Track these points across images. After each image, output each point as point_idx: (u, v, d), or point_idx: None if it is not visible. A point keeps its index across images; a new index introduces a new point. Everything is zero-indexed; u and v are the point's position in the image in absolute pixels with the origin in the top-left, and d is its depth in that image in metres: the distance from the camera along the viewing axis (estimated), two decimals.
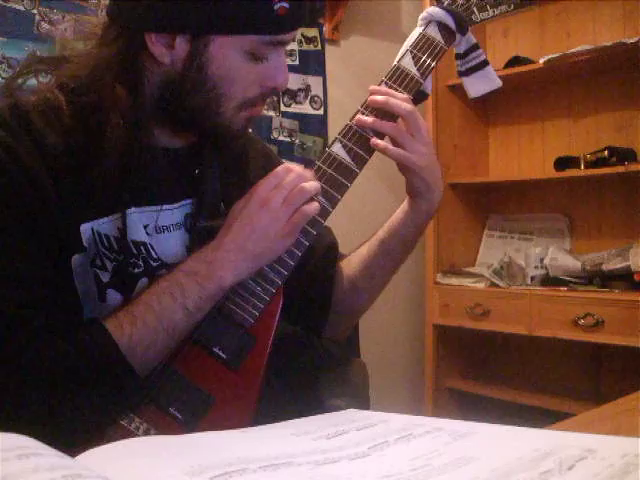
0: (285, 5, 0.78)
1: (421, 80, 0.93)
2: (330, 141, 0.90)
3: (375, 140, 0.89)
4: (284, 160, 2.74)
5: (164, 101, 0.82)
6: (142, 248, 0.81)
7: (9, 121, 0.77)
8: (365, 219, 0.99)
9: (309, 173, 0.86)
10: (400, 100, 0.89)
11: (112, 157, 0.76)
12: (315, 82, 2.53)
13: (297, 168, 0.86)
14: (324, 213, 0.86)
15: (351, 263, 1.01)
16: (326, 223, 0.89)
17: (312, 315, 0.99)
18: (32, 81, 0.84)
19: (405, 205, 0.96)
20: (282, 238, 0.82)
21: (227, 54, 0.79)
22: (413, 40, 0.95)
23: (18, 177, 0.74)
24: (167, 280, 0.78)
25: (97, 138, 0.77)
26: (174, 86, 0.81)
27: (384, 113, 0.90)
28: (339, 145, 0.89)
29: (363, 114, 0.90)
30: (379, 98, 0.89)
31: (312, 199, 0.84)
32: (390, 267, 0.99)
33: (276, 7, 0.77)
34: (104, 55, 0.79)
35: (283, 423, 0.55)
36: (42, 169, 0.75)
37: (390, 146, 0.88)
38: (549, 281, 2.27)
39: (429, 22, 0.96)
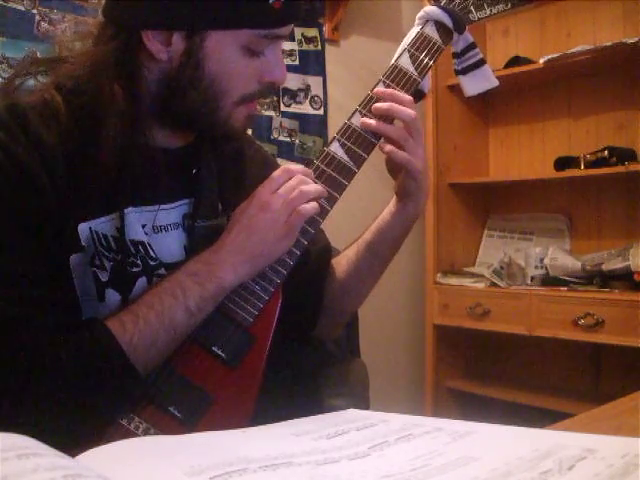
0: None
1: (419, 79, 0.93)
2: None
3: (383, 143, 0.90)
4: (284, 160, 2.72)
5: (162, 99, 0.82)
6: (140, 247, 0.82)
7: (6, 121, 0.77)
8: (364, 218, 1.00)
9: (310, 174, 0.86)
10: (405, 103, 0.89)
11: (109, 156, 0.76)
12: (315, 82, 2.53)
13: (297, 169, 0.86)
14: (322, 212, 0.86)
15: (340, 266, 1.01)
16: (325, 222, 0.89)
17: (303, 316, 0.99)
18: (30, 82, 0.84)
19: (392, 207, 0.96)
20: (281, 240, 0.82)
21: (224, 49, 0.79)
22: (411, 39, 0.95)
23: (15, 176, 0.74)
24: (169, 281, 0.79)
25: (94, 138, 0.77)
26: (172, 83, 0.81)
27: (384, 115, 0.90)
28: (337, 144, 0.89)
29: (361, 114, 0.90)
30: (383, 105, 0.89)
31: (311, 201, 0.84)
32: (378, 268, 1.00)
33: (271, 0, 0.77)
34: (101, 54, 0.79)
35: (283, 423, 0.55)
36: (39, 168, 0.75)
37: (395, 149, 0.89)
38: (549, 281, 2.27)
39: (426, 21, 0.96)
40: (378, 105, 0.90)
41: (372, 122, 0.89)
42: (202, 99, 0.81)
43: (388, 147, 0.89)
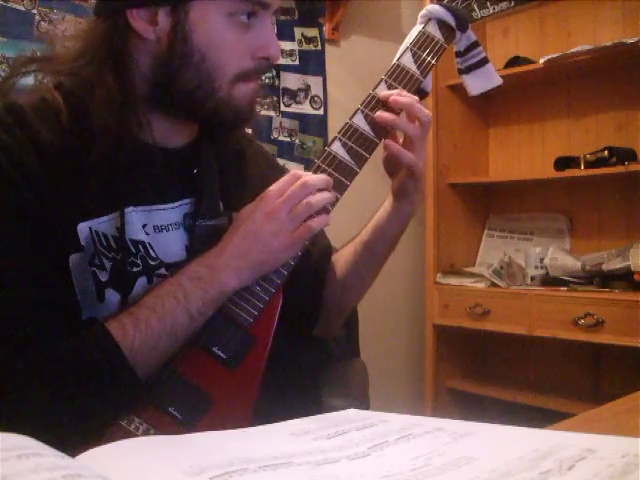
0: None
1: (421, 78, 0.93)
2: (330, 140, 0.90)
3: (390, 142, 0.89)
4: (284, 160, 2.72)
5: (157, 83, 0.82)
6: (140, 247, 0.81)
7: (5, 119, 0.77)
8: (365, 218, 1.00)
9: (319, 181, 0.84)
10: (420, 105, 0.89)
11: (104, 146, 0.76)
12: (315, 82, 2.53)
13: (306, 176, 0.85)
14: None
15: (338, 265, 1.01)
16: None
17: (304, 315, 0.99)
18: (28, 81, 0.84)
19: (388, 206, 0.96)
20: (285, 249, 0.82)
21: (209, 19, 0.78)
22: (413, 38, 0.95)
23: (14, 175, 0.74)
24: (170, 283, 0.79)
25: (92, 135, 0.77)
26: (163, 63, 0.80)
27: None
28: (339, 144, 0.89)
29: (363, 113, 0.90)
30: (404, 100, 0.88)
31: (320, 211, 0.84)
32: (376, 266, 1.00)
33: None
34: (91, 41, 0.80)
35: (283, 423, 0.55)
36: (38, 168, 0.75)
37: (404, 150, 0.88)
38: (549, 281, 2.27)
39: (429, 20, 0.96)
40: (399, 99, 0.88)
41: (389, 115, 0.88)
42: (197, 78, 0.80)
43: (396, 147, 0.89)
